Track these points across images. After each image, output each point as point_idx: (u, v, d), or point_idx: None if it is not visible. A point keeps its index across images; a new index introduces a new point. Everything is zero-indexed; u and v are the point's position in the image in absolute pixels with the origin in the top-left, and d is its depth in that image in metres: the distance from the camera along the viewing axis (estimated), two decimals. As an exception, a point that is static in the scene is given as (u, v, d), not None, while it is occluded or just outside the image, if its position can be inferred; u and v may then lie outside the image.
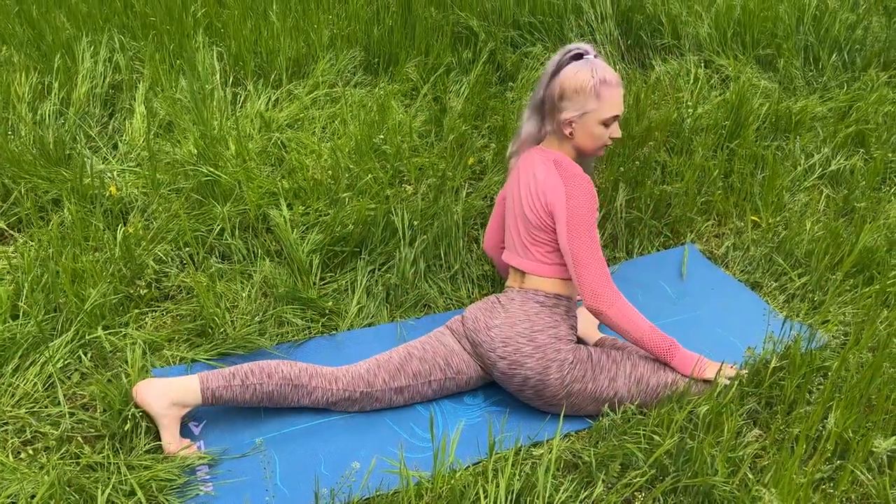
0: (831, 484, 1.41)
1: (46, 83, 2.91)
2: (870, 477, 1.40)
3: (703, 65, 3.54)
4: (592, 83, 1.73)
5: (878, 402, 1.55)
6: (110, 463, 1.54)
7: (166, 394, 1.62)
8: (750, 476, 1.34)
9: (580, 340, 2.00)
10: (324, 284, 2.15)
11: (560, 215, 1.74)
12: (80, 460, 1.57)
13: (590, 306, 1.71)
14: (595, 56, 1.79)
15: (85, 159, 2.43)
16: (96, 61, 3.05)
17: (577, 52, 1.78)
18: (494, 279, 2.26)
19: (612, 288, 1.70)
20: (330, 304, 2.06)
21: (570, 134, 1.79)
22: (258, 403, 1.70)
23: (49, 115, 2.75)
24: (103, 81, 3.02)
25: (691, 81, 3.31)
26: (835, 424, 1.46)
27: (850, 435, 1.48)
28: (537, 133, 1.87)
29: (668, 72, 3.40)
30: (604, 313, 1.70)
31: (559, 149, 1.83)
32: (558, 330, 1.74)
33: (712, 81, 3.38)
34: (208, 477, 1.58)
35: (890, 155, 2.60)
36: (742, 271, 2.28)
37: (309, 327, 2.02)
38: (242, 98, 2.99)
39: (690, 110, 2.82)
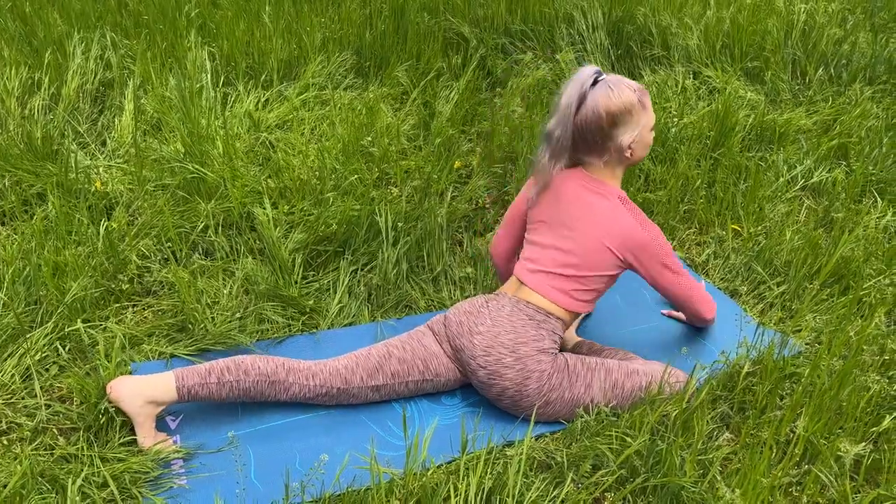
0: (798, 487, 1.42)
1: (36, 79, 2.92)
2: (835, 481, 1.42)
3: (691, 76, 3.58)
4: (637, 97, 1.72)
5: (847, 408, 1.57)
6: (84, 455, 1.55)
7: (141, 392, 1.61)
8: (718, 478, 1.36)
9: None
10: (306, 283, 2.16)
11: (646, 261, 1.76)
12: (53, 451, 1.57)
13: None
14: (603, 74, 1.76)
15: (71, 154, 2.44)
16: (87, 58, 3.06)
17: (594, 77, 1.73)
18: (477, 282, 2.28)
19: (712, 302, 1.95)
20: (311, 302, 2.07)
21: (630, 155, 1.76)
22: (235, 400, 1.70)
23: (38, 111, 2.76)
24: (94, 78, 3.04)
25: (679, 92, 3.35)
26: (804, 429, 1.48)
27: (819, 440, 1.50)
28: (551, 172, 1.79)
29: (657, 82, 3.44)
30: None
31: (611, 175, 1.79)
32: (542, 343, 1.74)
33: (700, 92, 3.42)
34: (182, 471, 1.59)
35: (870, 168, 2.63)
36: (722, 279, 2.30)
37: (289, 325, 2.03)
38: (233, 98, 3.01)
39: (675, 119, 2.85)
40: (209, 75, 3.00)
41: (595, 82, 1.72)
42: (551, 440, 1.70)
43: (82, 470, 1.48)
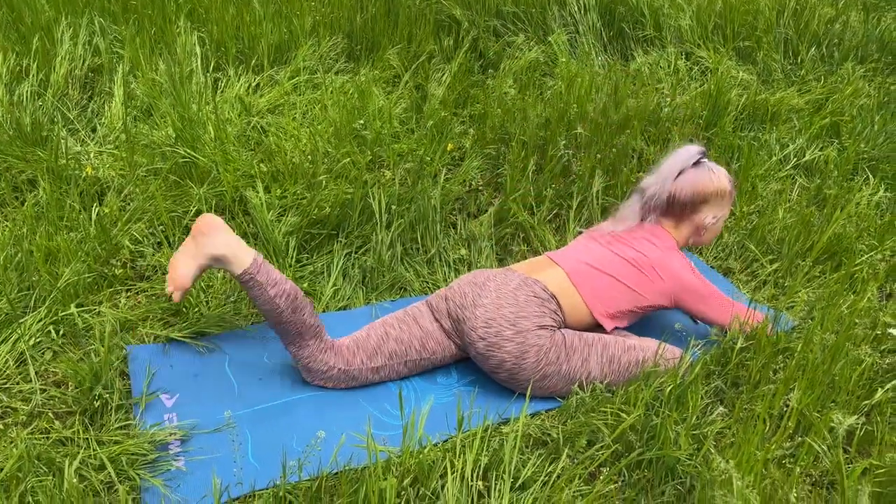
0: (792, 459, 1.44)
1: (24, 65, 2.89)
2: (828, 452, 1.43)
3: (684, 57, 3.57)
4: (730, 187, 1.94)
5: (840, 382, 1.59)
6: (80, 438, 1.55)
7: (227, 240, 1.68)
8: (712, 451, 1.37)
9: None
10: (300, 266, 2.16)
11: (693, 308, 1.87)
12: (49, 435, 1.57)
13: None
14: (706, 155, 1.98)
15: (61, 140, 2.42)
16: (76, 44, 3.03)
17: (699, 157, 1.94)
18: (471, 263, 2.28)
19: (736, 310, 1.85)
20: (305, 285, 2.06)
21: (702, 234, 1.96)
22: (268, 315, 1.70)
23: (27, 97, 2.73)
24: (83, 64, 3.01)
25: (671, 73, 3.34)
26: (797, 402, 1.49)
27: (812, 413, 1.51)
28: (637, 220, 1.97)
29: (649, 63, 3.43)
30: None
31: (684, 240, 1.97)
32: (543, 320, 1.76)
33: (693, 73, 3.41)
34: (180, 451, 1.59)
35: (862, 146, 2.64)
36: (715, 258, 2.31)
37: (284, 308, 2.02)
38: (224, 83, 2.98)
39: (668, 99, 2.84)
40: (199, 60, 2.98)
41: (698, 162, 1.94)
42: (547, 417, 1.71)
43: (79, 453, 1.48)
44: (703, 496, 1.25)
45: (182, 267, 1.71)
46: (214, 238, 1.69)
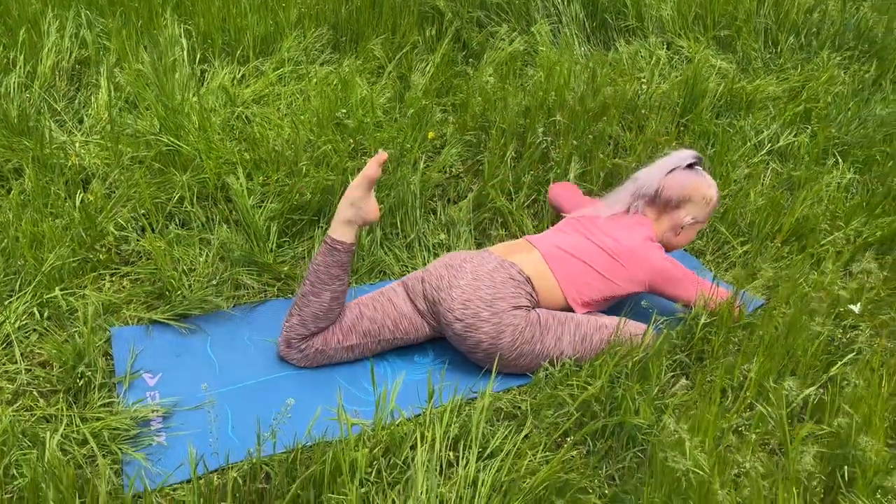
0: (748, 427, 1.49)
1: (11, 57, 2.93)
2: (776, 416, 1.48)
3: (665, 46, 3.62)
4: (715, 197, 2.04)
5: (799, 355, 1.64)
6: (63, 415, 1.60)
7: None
8: (672, 421, 1.42)
9: None
10: (281, 251, 2.21)
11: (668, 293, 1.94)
12: (34, 412, 1.62)
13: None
14: (701, 162, 2.09)
15: (46, 129, 2.46)
16: (62, 36, 3.07)
17: (694, 160, 2.06)
18: (450, 247, 2.33)
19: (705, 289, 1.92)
20: (286, 269, 2.12)
21: (678, 233, 2.04)
22: (311, 286, 1.81)
23: (14, 88, 2.77)
24: (69, 56, 3.04)
25: (652, 62, 3.39)
26: (755, 374, 1.55)
27: (770, 384, 1.57)
28: (625, 206, 2.07)
29: (631, 53, 3.48)
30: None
31: (661, 234, 2.05)
32: (518, 300, 1.81)
33: (673, 62, 3.46)
34: (161, 427, 1.64)
35: (834, 131, 2.69)
36: (688, 240, 2.36)
37: (265, 291, 2.08)
38: (209, 75, 3.02)
39: (645, 87, 2.89)
40: (185, 52, 3.02)
41: (692, 165, 2.05)
42: (518, 392, 1.77)
43: (61, 427, 1.53)
44: (655, 456, 1.31)
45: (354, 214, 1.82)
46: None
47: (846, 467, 1.34)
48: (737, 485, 1.26)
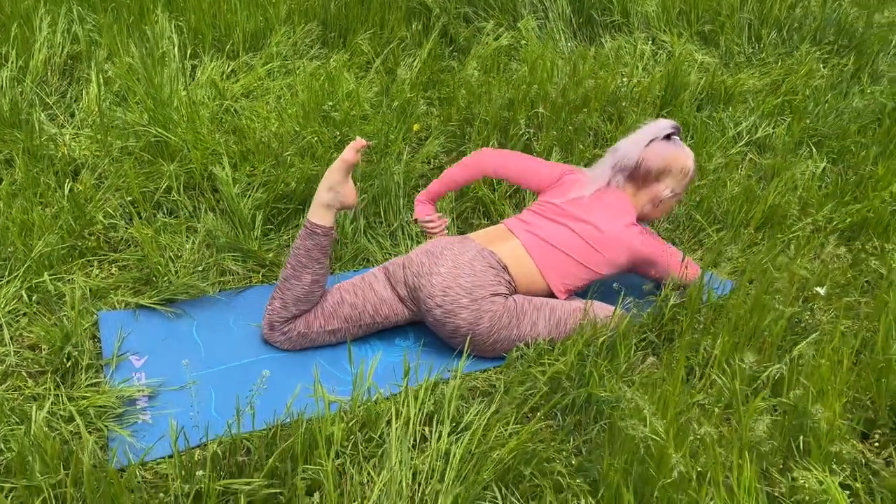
0: (711, 400, 1.55)
1: (4, 52, 2.98)
2: (730, 386, 1.53)
3: (650, 42, 3.67)
4: (692, 168, 2.06)
5: (766, 335, 1.70)
6: (51, 394, 1.64)
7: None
8: (630, 390, 1.47)
9: None
10: (267, 240, 2.26)
11: (647, 273, 2.01)
12: (22, 392, 1.67)
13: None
14: (679, 132, 2.10)
15: (36, 121, 2.51)
16: (54, 31, 3.12)
17: (672, 130, 2.07)
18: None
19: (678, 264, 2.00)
20: (271, 255, 2.17)
21: (657, 205, 2.06)
22: (292, 269, 1.88)
23: (6, 83, 2.82)
24: (61, 52, 3.09)
25: (637, 57, 3.45)
26: (719, 351, 1.60)
27: (737, 361, 1.62)
28: (606, 181, 2.08)
29: (616, 48, 3.53)
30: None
31: (640, 208, 2.07)
32: (497, 288, 1.86)
33: (657, 57, 3.51)
34: (147, 406, 1.69)
35: (808, 122, 2.75)
36: (665, 228, 2.41)
37: (250, 277, 2.13)
38: (200, 70, 3.07)
39: (625, 80, 2.95)
40: (176, 48, 3.07)
41: (669, 136, 2.06)
42: (494, 372, 1.82)
43: (47, 402, 1.58)
44: (615, 424, 1.36)
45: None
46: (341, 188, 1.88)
47: (801, 437, 1.39)
48: (693, 452, 1.32)
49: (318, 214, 1.85)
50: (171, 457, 1.53)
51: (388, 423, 1.56)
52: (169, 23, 3.23)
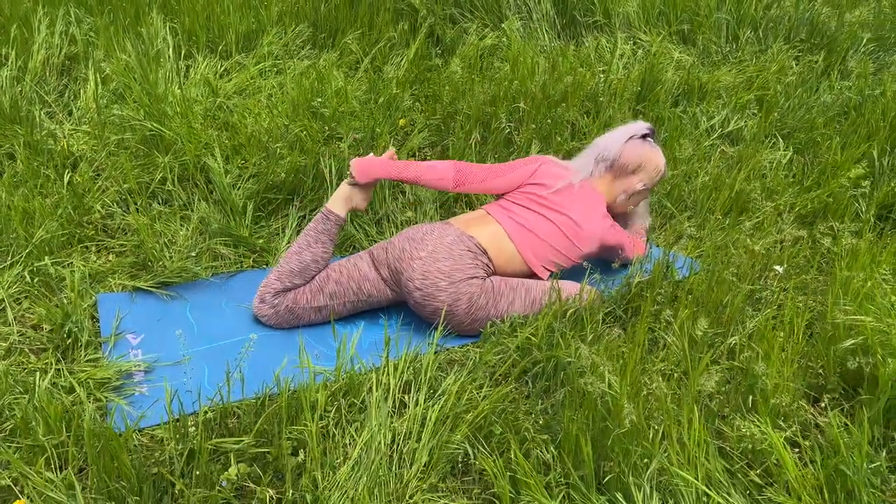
0: (674, 368, 1.66)
1: (4, 53, 3.09)
2: (680, 345, 1.64)
3: (631, 42, 3.80)
4: (664, 170, 2.26)
5: (728, 310, 1.81)
6: (52, 368, 1.75)
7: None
8: (586, 348, 1.58)
9: None
10: (258, 227, 2.37)
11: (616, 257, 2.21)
12: (25, 367, 1.77)
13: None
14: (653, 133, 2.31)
15: (36, 116, 2.61)
16: (52, 32, 3.23)
17: (647, 131, 2.27)
18: (417, 224, 2.49)
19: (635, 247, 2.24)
20: (261, 241, 2.27)
21: (629, 196, 2.23)
22: (298, 246, 2.05)
23: (6, 82, 2.93)
24: (59, 52, 3.20)
25: (617, 56, 3.57)
26: (678, 322, 1.71)
27: (696, 332, 1.74)
28: (589, 171, 2.24)
29: (595, 46, 3.65)
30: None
31: (614, 198, 2.24)
32: (475, 271, 1.97)
33: (637, 56, 3.64)
34: (143, 380, 1.80)
35: (776, 115, 2.87)
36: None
37: (241, 261, 2.24)
38: (194, 70, 3.18)
39: (603, 76, 3.07)
40: (171, 49, 3.18)
41: (645, 136, 2.26)
42: (472, 347, 1.93)
43: (49, 372, 1.68)
44: (575, 381, 1.47)
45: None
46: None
47: (751, 397, 1.50)
48: (647, 406, 1.42)
49: (336, 204, 2.07)
50: (166, 423, 1.63)
51: (370, 390, 1.67)
52: (164, 25, 3.35)
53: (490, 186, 2.22)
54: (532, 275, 2.08)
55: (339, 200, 2.08)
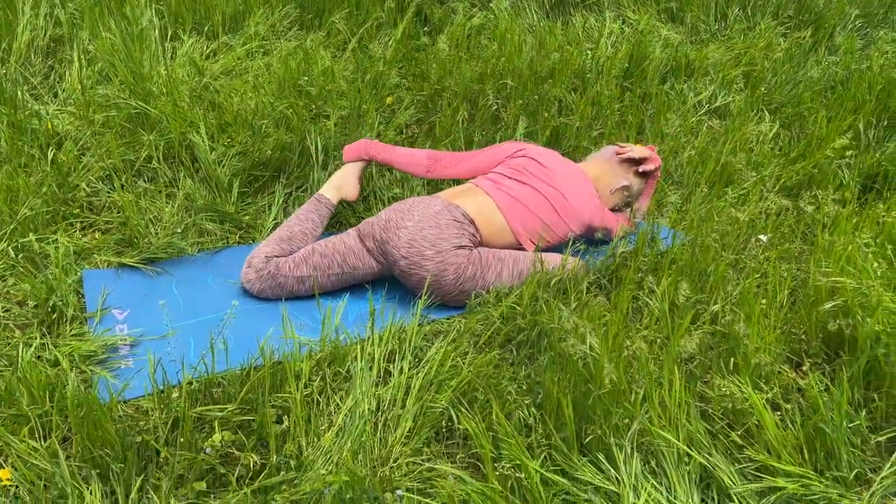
0: (660, 336, 1.67)
1: (-13, 34, 3.06)
2: (657, 308, 1.65)
3: (620, 21, 3.78)
4: (648, 190, 2.34)
5: (712, 279, 1.82)
6: (37, 343, 1.74)
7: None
8: (567, 311, 1.59)
9: None
10: (244, 204, 2.36)
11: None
12: (10, 342, 1.77)
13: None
14: None
15: (20, 96, 2.60)
16: (37, 14, 3.20)
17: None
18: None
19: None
20: (247, 218, 2.27)
21: (612, 192, 2.27)
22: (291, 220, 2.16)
23: (-10, 63, 2.91)
24: (44, 34, 3.18)
25: (605, 34, 3.56)
26: (662, 291, 1.72)
27: (680, 299, 1.74)
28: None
29: (585, 26, 3.64)
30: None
31: (611, 198, 2.29)
32: (461, 241, 1.98)
33: (626, 34, 3.63)
34: (128, 354, 1.80)
35: (763, 90, 2.87)
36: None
37: (227, 237, 2.23)
38: (180, 51, 3.16)
39: (590, 52, 3.06)
40: (157, 30, 3.16)
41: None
42: (458, 318, 1.94)
43: (34, 343, 1.68)
44: (556, 344, 1.48)
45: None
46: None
47: (732, 360, 1.51)
48: (628, 367, 1.43)
49: (327, 190, 2.23)
50: (150, 393, 1.63)
51: (355, 359, 1.67)
52: (149, 6, 3.32)
53: (462, 170, 2.27)
54: (518, 246, 2.09)
55: (330, 187, 2.23)
